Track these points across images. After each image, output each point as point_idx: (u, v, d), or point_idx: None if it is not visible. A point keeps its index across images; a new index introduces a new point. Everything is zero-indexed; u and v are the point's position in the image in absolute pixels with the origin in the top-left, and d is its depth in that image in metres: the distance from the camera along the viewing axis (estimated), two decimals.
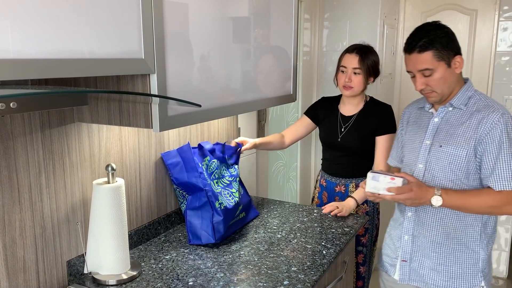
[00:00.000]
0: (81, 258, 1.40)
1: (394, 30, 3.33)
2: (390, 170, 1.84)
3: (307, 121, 2.25)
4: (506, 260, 3.34)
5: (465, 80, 1.58)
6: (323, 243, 1.66)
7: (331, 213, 1.93)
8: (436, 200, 1.44)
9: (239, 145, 1.91)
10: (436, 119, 1.56)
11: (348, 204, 1.98)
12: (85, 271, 1.38)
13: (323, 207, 1.99)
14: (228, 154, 1.84)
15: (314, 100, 3.04)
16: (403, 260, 1.62)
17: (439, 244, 1.55)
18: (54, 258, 1.32)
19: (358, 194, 2.03)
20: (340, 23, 3.02)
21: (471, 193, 1.47)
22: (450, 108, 1.54)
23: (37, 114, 1.23)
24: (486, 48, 3.21)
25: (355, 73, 2.05)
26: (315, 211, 2.02)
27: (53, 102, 1.08)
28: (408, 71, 1.53)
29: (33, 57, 0.83)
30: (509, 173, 1.42)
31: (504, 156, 1.42)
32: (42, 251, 1.28)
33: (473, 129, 1.46)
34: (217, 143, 1.86)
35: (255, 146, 2.02)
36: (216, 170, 1.75)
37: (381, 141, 2.10)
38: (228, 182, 1.78)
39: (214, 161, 1.74)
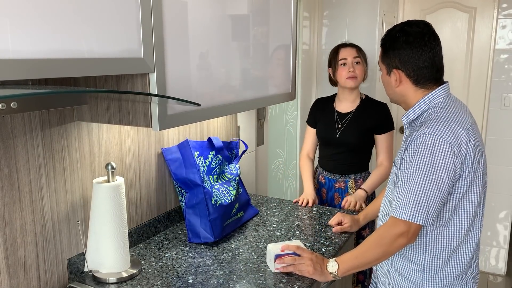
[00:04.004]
0: (82, 256, 1.41)
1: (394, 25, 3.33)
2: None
3: (312, 131, 2.32)
4: (505, 257, 3.35)
5: (443, 83, 1.37)
6: (322, 241, 1.67)
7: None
8: (332, 266, 1.36)
9: (246, 146, 1.95)
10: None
11: (360, 195, 2.07)
12: (86, 269, 1.39)
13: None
14: (236, 152, 1.90)
15: (313, 98, 3.05)
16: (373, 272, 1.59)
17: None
18: (55, 257, 1.33)
19: (367, 186, 2.14)
20: (339, 21, 3.02)
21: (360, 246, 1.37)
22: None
23: (37, 114, 1.23)
24: (485, 46, 3.21)
25: (356, 63, 2.12)
26: (314, 209, 2.02)
27: (53, 101, 1.09)
28: None
29: (32, 57, 0.83)
30: (402, 200, 1.26)
31: (405, 180, 1.27)
32: (42, 249, 1.28)
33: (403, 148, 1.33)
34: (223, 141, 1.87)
35: (315, 192, 2.18)
36: (219, 166, 1.78)
37: (382, 139, 2.15)
38: (227, 179, 1.79)
39: (219, 157, 1.77)
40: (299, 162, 2.33)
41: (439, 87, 1.34)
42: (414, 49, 1.30)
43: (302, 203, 2.06)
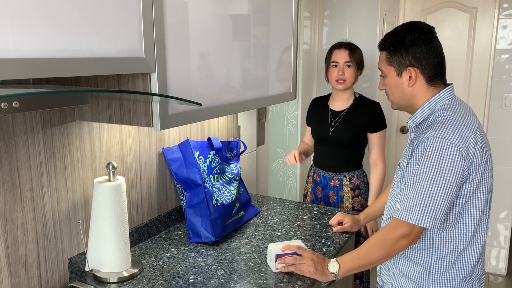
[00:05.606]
0: (82, 256, 1.41)
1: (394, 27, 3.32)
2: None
3: (310, 130, 2.36)
4: (505, 258, 3.35)
5: (448, 85, 1.36)
6: (323, 241, 1.67)
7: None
8: (333, 266, 1.36)
9: (245, 147, 1.98)
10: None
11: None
12: (86, 269, 1.39)
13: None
14: (235, 151, 1.92)
15: (315, 97, 3.05)
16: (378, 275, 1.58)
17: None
18: (56, 256, 1.33)
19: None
20: (340, 21, 3.02)
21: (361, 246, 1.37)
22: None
23: (39, 113, 1.23)
24: (485, 46, 3.21)
25: (347, 66, 2.14)
26: (315, 209, 2.03)
27: (54, 101, 1.09)
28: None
29: (34, 57, 0.83)
30: (408, 203, 1.25)
31: (411, 183, 1.26)
32: (43, 248, 1.28)
33: (410, 151, 1.32)
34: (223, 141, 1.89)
35: (305, 154, 2.21)
36: (219, 166, 1.78)
37: (375, 138, 2.18)
38: (228, 179, 1.79)
39: (218, 158, 1.78)
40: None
41: (444, 89, 1.33)
42: (427, 45, 1.30)
43: (289, 160, 2.08)
